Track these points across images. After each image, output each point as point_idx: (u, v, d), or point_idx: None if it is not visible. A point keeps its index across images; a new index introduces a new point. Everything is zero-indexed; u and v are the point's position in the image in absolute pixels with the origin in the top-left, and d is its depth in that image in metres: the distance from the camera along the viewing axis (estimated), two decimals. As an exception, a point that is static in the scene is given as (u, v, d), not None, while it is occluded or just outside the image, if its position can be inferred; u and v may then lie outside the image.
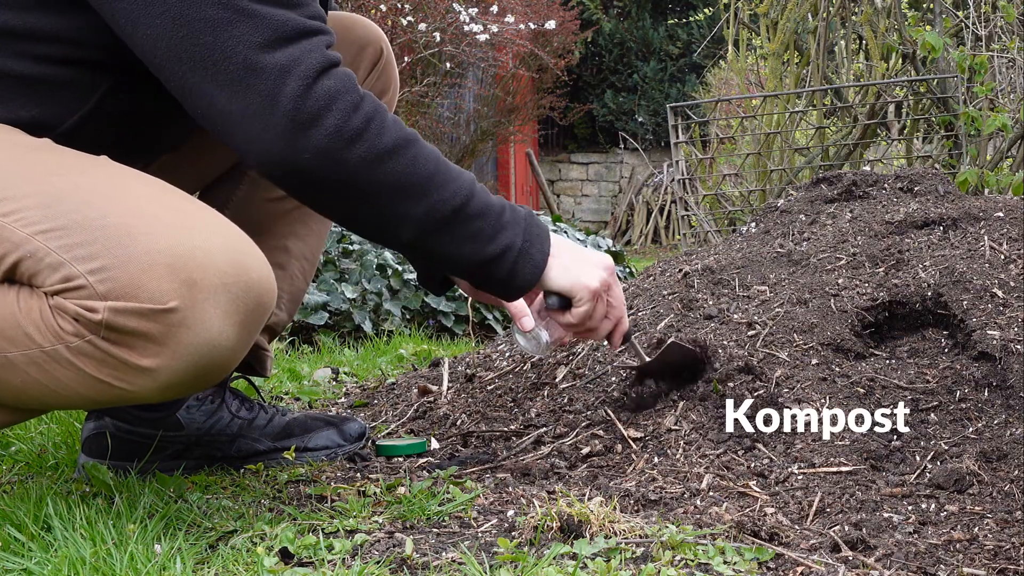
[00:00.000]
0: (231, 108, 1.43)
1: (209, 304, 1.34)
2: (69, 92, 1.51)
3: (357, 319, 3.84)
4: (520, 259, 1.58)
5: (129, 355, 1.33)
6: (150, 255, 1.32)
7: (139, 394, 1.37)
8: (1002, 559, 1.36)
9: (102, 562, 1.31)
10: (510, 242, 1.57)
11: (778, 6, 5.28)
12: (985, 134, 4.17)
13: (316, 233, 1.99)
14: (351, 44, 1.90)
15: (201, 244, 1.35)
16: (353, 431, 1.98)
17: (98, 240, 1.33)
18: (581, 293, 1.65)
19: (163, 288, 1.31)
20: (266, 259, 1.44)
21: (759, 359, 1.91)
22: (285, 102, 1.42)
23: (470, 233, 1.54)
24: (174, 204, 1.42)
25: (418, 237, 1.53)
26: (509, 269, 1.58)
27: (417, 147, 1.51)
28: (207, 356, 1.36)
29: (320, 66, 1.44)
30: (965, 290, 1.98)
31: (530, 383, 2.12)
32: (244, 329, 1.39)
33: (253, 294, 1.39)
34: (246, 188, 1.93)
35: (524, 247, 1.59)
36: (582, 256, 1.67)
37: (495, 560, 1.35)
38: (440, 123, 9.18)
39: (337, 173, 1.46)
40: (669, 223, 12.85)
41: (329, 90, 1.44)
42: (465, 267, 1.58)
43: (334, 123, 1.44)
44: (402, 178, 1.49)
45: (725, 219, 5.17)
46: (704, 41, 8.13)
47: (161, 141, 1.72)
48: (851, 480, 1.62)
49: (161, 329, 1.32)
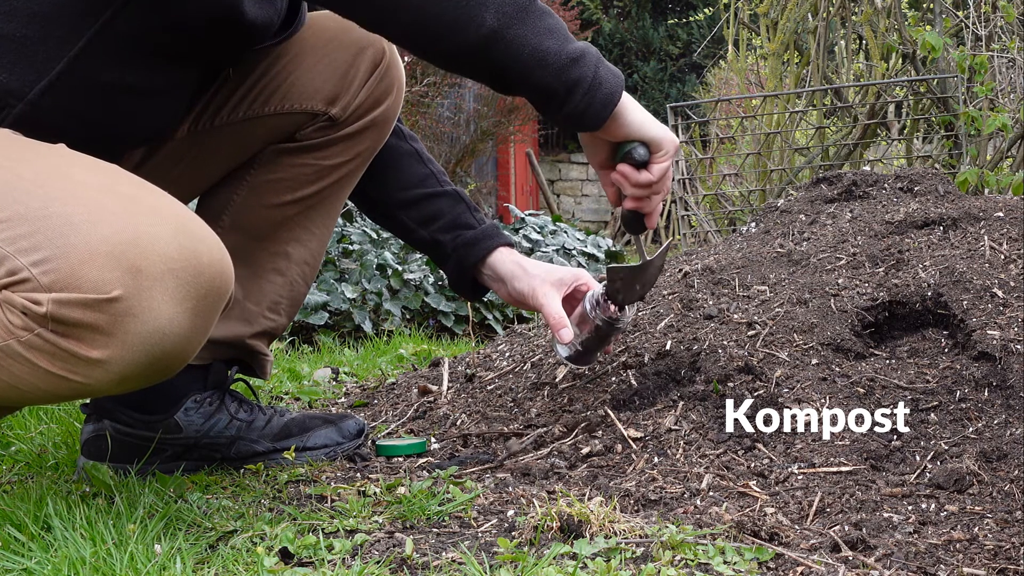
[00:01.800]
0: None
1: (156, 291, 1.31)
2: (38, 53, 1.48)
3: (357, 319, 3.84)
4: (601, 66, 1.51)
5: (78, 347, 1.30)
6: (91, 244, 1.29)
7: (96, 387, 1.34)
8: (1002, 559, 1.36)
9: (102, 562, 1.31)
10: (585, 48, 1.51)
11: (778, 6, 5.28)
12: (985, 134, 4.17)
13: (318, 237, 1.98)
14: (350, 45, 1.88)
15: (146, 230, 1.32)
16: (352, 428, 1.97)
17: (40, 231, 1.30)
18: (664, 144, 1.58)
19: (105, 277, 1.28)
20: (220, 243, 1.40)
21: (759, 359, 1.91)
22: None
23: (548, 27, 1.48)
24: (121, 190, 1.38)
25: (501, 23, 1.46)
26: (594, 75, 1.50)
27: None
28: (159, 345, 1.33)
29: None
30: (965, 290, 1.98)
31: (530, 383, 2.12)
32: (198, 315, 1.36)
33: (204, 278, 1.35)
34: (245, 193, 1.91)
35: (598, 59, 1.52)
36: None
37: (495, 560, 1.35)
38: (440, 123, 9.18)
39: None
40: (669, 223, 12.83)
41: None
42: (552, 64, 1.49)
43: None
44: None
45: (725, 219, 5.17)
46: (704, 41, 8.14)
47: (139, 121, 1.68)
48: (851, 480, 1.62)
49: (107, 319, 1.29)
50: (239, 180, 1.91)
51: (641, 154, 1.58)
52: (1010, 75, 4.50)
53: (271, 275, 1.93)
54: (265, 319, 1.93)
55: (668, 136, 1.59)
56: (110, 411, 1.84)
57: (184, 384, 1.87)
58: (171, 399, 1.87)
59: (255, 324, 1.92)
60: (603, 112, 1.54)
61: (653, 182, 1.62)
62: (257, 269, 1.92)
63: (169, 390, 1.86)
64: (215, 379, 1.91)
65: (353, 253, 4.13)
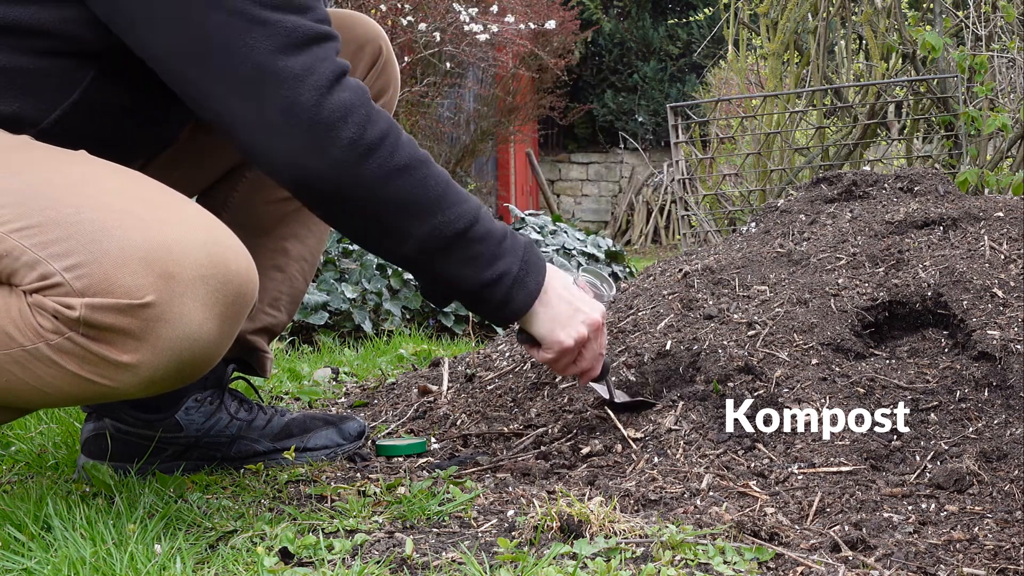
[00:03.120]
0: (246, 115, 1.44)
1: (187, 297, 1.33)
2: (51, 85, 1.49)
3: (357, 319, 3.84)
4: (515, 287, 1.62)
5: (109, 351, 1.32)
6: (125, 250, 1.31)
7: (123, 390, 1.36)
8: (1002, 559, 1.36)
9: (102, 562, 1.31)
10: (507, 269, 1.61)
11: (778, 6, 5.28)
12: (985, 134, 4.17)
13: (316, 234, 1.99)
14: (349, 43, 1.88)
15: (177, 237, 1.34)
16: (352, 430, 1.98)
17: (73, 236, 1.32)
18: (551, 345, 1.69)
19: (139, 283, 1.30)
20: (246, 249, 1.43)
21: (759, 359, 1.91)
22: (301, 112, 1.43)
23: (470, 256, 1.58)
24: (150, 197, 1.41)
25: (419, 254, 1.56)
26: (503, 295, 1.61)
27: (429, 168, 1.54)
28: (188, 350, 1.35)
29: (333, 75, 1.46)
30: (965, 290, 1.97)
31: (530, 383, 2.12)
32: (225, 321, 1.38)
33: (233, 285, 1.37)
34: (245, 190, 1.92)
35: (520, 276, 1.62)
36: (572, 306, 1.69)
37: (495, 560, 1.35)
38: (440, 123, 9.18)
39: (350, 185, 1.49)
40: (669, 223, 12.85)
41: (344, 102, 1.46)
42: (462, 289, 1.61)
43: (349, 135, 1.46)
44: (411, 196, 1.52)
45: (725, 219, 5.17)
46: (704, 41, 8.13)
47: (149, 138, 1.70)
48: (851, 480, 1.62)
49: (139, 324, 1.31)
50: (238, 177, 1.92)
51: (523, 337, 1.73)
52: (1010, 75, 4.50)
53: (271, 271, 1.93)
54: (266, 315, 1.93)
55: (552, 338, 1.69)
56: (111, 409, 1.84)
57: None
58: (172, 398, 1.87)
59: (255, 320, 1.92)
60: (508, 321, 1.69)
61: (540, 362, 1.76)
62: (257, 265, 1.92)
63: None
64: (215, 378, 1.91)
65: (353, 253, 4.13)
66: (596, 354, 1.75)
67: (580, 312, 1.70)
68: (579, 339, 1.70)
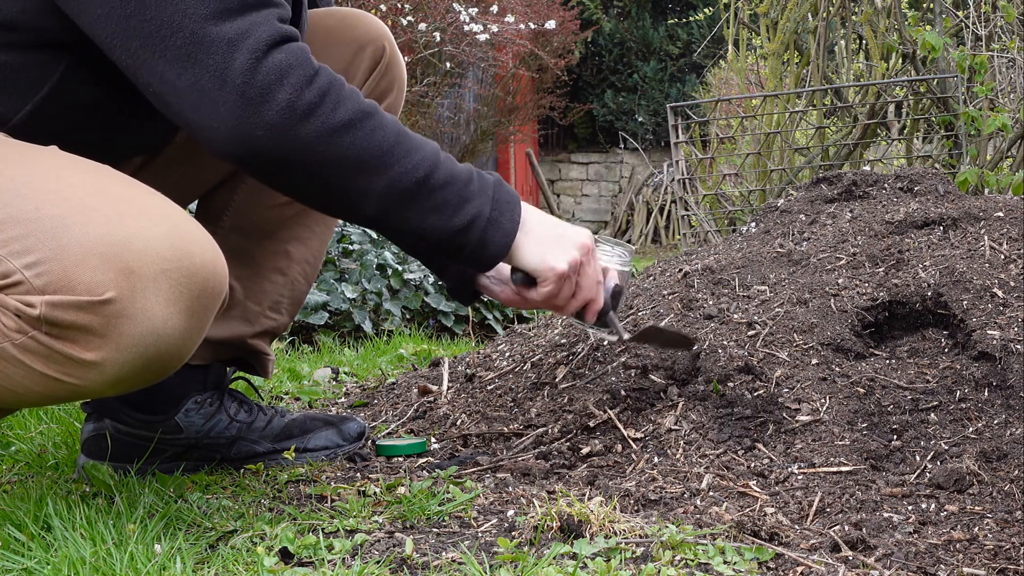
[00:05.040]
0: (180, 84, 1.39)
1: (149, 292, 1.30)
2: (21, 80, 1.48)
3: (357, 319, 3.84)
4: (489, 228, 1.54)
5: (73, 349, 1.30)
6: (84, 245, 1.29)
7: (91, 388, 1.34)
8: (1002, 559, 1.36)
9: (102, 562, 1.31)
10: (478, 211, 1.53)
11: (778, 6, 5.28)
12: (985, 134, 4.17)
13: (318, 236, 1.98)
14: (349, 42, 1.87)
15: (139, 231, 1.32)
16: (352, 431, 1.97)
17: (32, 233, 1.30)
18: (546, 275, 1.61)
19: (98, 279, 1.28)
20: (213, 242, 1.40)
21: (759, 359, 1.91)
22: (234, 76, 1.38)
23: (435, 204, 1.50)
24: (114, 191, 1.38)
25: (381, 212, 1.49)
26: (479, 239, 1.54)
27: (375, 119, 1.47)
28: (153, 346, 1.33)
29: (270, 39, 1.40)
30: (965, 290, 1.98)
31: (530, 383, 2.12)
32: (192, 316, 1.35)
33: (198, 279, 1.35)
34: (245, 194, 1.91)
35: (493, 216, 1.55)
36: (555, 232, 1.62)
37: (495, 560, 1.35)
38: (440, 123, 9.18)
39: (292, 149, 1.42)
40: (669, 223, 12.85)
41: (280, 64, 1.40)
42: (433, 239, 1.53)
43: (286, 98, 1.40)
44: (360, 152, 1.45)
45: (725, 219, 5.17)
46: (704, 41, 8.13)
47: (134, 135, 1.67)
48: (851, 480, 1.62)
49: (101, 321, 1.29)
50: (239, 180, 1.91)
51: (518, 278, 1.66)
52: (1010, 75, 4.50)
53: (272, 274, 1.93)
54: (267, 318, 1.93)
55: (545, 265, 1.61)
56: (111, 410, 1.84)
57: (184, 384, 1.87)
58: (172, 400, 1.86)
59: (257, 324, 1.92)
60: (489, 265, 1.60)
61: (537, 302, 1.66)
62: (258, 269, 1.92)
63: (170, 391, 1.86)
64: (214, 379, 1.91)
65: (353, 253, 4.13)
66: (595, 280, 1.68)
67: (566, 237, 1.63)
68: (573, 263, 1.62)
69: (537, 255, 1.60)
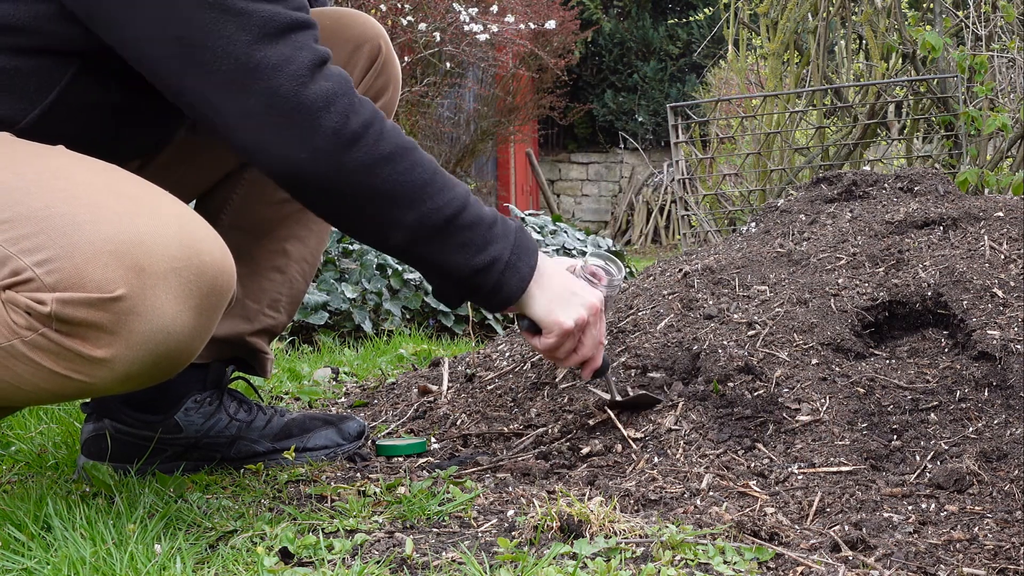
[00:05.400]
0: (227, 109, 1.44)
1: (159, 290, 1.31)
2: (31, 83, 1.48)
3: (357, 319, 3.84)
4: (507, 272, 1.61)
5: (83, 346, 1.31)
6: (95, 243, 1.30)
7: (100, 386, 1.35)
8: (1002, 559, 1.36)
9: (102, 562, 1.31)
10: (498, 254, 1.59)
11: (778, 6, 5.28)
12: (985, 134, 4.17)
13: (316, 235, 1.98)
14: (346, 42, 1.87)
15: (149, 229, 1.33)
16: (352, 430, 1.97)
17: (43, 231, 1.31)
18: (551, 328, 1.67)
19: (109, 276, 1.29)
20: (222, 240, 1.41)
21: (759, 359, 1.91)
22: (281, 103, 1.42)
23: (460, 242, 1.57)
24: (124, 190, 1.39)
25: (408, 243, 1.55)
26: (496, 281, 1.60)
27: (415, 155, 1.53)
28: (163, 343, 1.33)
29: (312, 63, 1.45)
30: (965, 290, 1.98)
31: (530, 383, 2.12)
32: (201, 313, 1.36)
33: (207, 277, 1.36)
34: (243, 192, 1.91)
35: (512, 260, 1.61)
36: (568, 288, 1.68)
37: (495, 560, 1.35)
38: (440, 123, 9.18)
39: (334, 176, 1.48)
40: (669, 223, 12.85)
41: (325, 91, 1.45)
42: (453, 276, 1.60)
43: (332, 125, 1.45)
44: (398, 185, 1.51)
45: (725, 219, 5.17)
46: (704, 41, 8.14)
47: (139, 138, 1.68)
48: (851, 480, 1.62)
49: (111, 318, 1.29)
50: (237, 178, 1.92)
51: (524, 324, 1.71)
52: (1010, 75, 4.50)
53: (270, 273, 1.93)
54: (265, 316, 1.93)
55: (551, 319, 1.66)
56: (111, 410, 1.84)
57: (184, 384, 1.87)
58: (171, 399, 1.86)
59: (255, 322, 1.92)
60: (501, 307, 1.65)
61: (539, 350, 1.72)
62: (256, 267, 1.92)
63: (169, 390, 1.86)
64: (214, 378, 1.91)
65: (353, 253, 4.13)
66: (596, 341, 1.74)
67: (577, 295, 1.69)
68: (579, 321, 1.68)
69: (546, 307, 1.66)
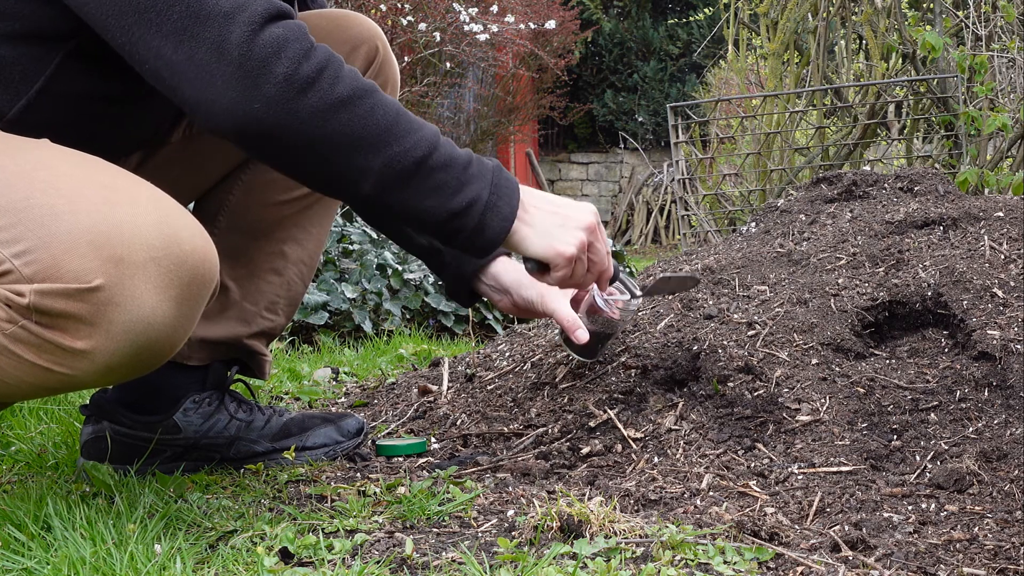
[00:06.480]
0: (176, 58, 1.38)
1: (138, 279, 1.30)
2: (16, 72, 1.48)
3: (357, 319, 3.84)
4: (488, 212, 1.52)
5: (63, 338, 1.30)
6: (72, 233, 1.29)
7: (82, 378, 1.34)
8: (1002, 559, 1.36)
9: (102, 562, 1.31)
10: (476, 195, 1.51)
11: (778, 6, 5.28)
12: (985, 134, 4.17)
13: (315, 236, 1.98)
14: (343, 43, 1.86)
15: (127, 219, 1.31)
16: (351, 427, 1.97)
17: (21, 222, 1.30)
18: (556, 260, 1.60)
19: (87, 266, 1.28)
20: (203, 230, 1.39)
21: (759, 359, 1.91)
22: (231, 49, 1.37)
23: (433, 185, 1.48)
24: (103, 181, 1.38)
25: (378, 191, 1.47)
26: (476, 223, 1.51)
27: (375, 97, 1.45)
28: (144, 334, 1.32)
29: (266, 12, 1.39)
30: (965, 290, 1.98)
31: (530, 383, 2.12)
32: (182, 304, 1.35)
33: (188, 266, 1.34)
34: (241, 194, 1.90)
35: (491, 200, 1.52)
36: (559, 215, 1.61)
37: (495, 560, 1.35)
38: (440, 123, 9.19)
39: (289, 124, 1.40)
40: (669, 223, 12.85)
41: (277, 37, 1.39)
42: (429, 222, 1.51)
43: (283, 71, 1.38)
44: (358, 129, 1.43)
45: (725, 219, 5.17)
46: (704, 41, 8.14)
47: (131, 129, 1.67)
48: (851, 480, 1.62)
49: (90, 309, 1.29)
50: (234, 180, 1.91)
51: (531, 267, 1.65)
52: (1010, 75, 4.50)
53: (268, 275, 1.93)
54: (263, 319, 1.93)
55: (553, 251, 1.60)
56: (109, 412, 1.84)
57: (183, 385, 1.87)
58: (170, 400, 1.86)
59: (253, 324, 1.92)
60: (486, 251, 1.56)
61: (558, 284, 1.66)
62: (254, 269, 1.92)
63: (168, 391, 1.86)
64: (214, 380, 1.91)
65: (353, 253, 4.13)
66: (603, 252, 1.67)
67: (570, 219, 1.61)
68: (580, 245, 1.61)
69: (542, 242, 1.59)
